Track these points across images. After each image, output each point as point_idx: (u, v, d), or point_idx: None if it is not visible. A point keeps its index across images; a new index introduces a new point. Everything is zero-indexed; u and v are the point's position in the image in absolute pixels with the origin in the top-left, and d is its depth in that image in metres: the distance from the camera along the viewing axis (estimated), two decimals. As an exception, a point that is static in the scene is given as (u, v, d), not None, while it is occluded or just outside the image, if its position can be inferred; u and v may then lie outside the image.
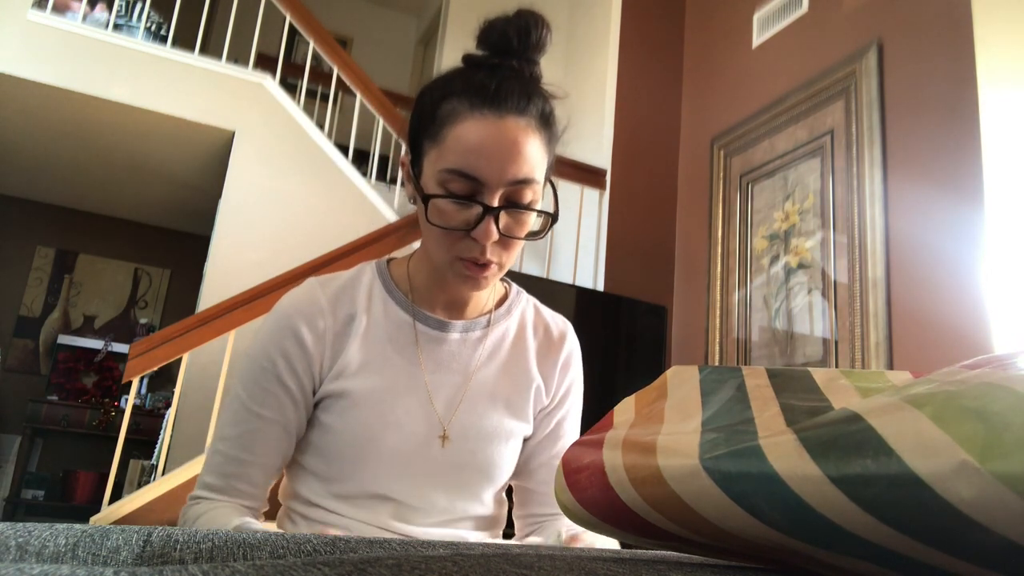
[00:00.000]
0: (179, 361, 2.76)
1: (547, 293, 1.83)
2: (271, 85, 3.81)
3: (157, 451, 3.51)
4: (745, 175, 3.08)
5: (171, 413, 2.87)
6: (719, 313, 3.07)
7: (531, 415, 0.94)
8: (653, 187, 3.51)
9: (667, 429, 0.42)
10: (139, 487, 2.86)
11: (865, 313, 2.38)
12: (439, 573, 0.28)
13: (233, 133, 3.71)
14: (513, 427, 0.91)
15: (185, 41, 3.91)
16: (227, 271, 3.43)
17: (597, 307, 3.04)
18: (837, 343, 2.48)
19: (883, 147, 2.45)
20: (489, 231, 0.76)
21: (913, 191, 2.32)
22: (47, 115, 3.88)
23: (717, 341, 3.05)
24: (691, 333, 3.23)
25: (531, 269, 3.82)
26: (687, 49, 3.70)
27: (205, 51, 3.91)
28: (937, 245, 2.20)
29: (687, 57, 3.69)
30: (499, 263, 0.81)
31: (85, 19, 3.70)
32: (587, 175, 3.41)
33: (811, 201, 2.71)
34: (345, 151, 3.87)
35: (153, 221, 5.70)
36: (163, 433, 3.21)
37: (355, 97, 3.85)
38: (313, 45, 3.84)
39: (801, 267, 2.70)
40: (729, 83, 3.32)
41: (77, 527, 0.35)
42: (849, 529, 0.28)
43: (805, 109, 2.80)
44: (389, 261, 0.95)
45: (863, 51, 2.57)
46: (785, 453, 0.30)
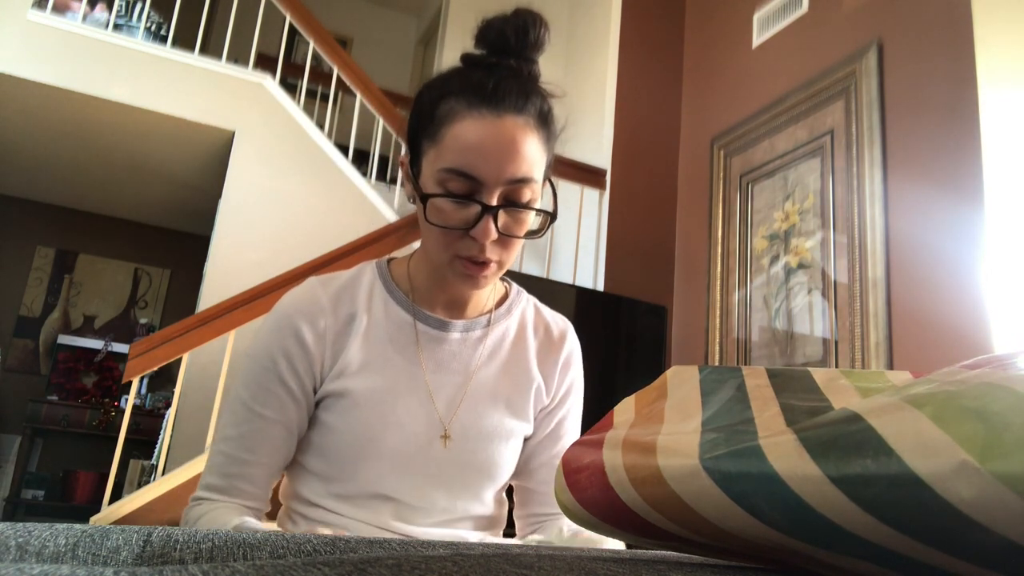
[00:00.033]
0: (179, 361, 2.76)
1: (547, 293, 1.82)
2: (271, 85, 3.81)
3: (157, 451, 3.51)
4: (745, 175, 3.08)
5: (171, 413, 2.87)
6: (719, 313, 3.07)
7: (531, 415, 0.94)
8: (653, 187, 3.51)
9: (667, 429, 0.42)
10: (139, 487, 2.86)
11: (865, 313, 2.38)
12: (439, 573, 0.28)
13: (233, 133, 3.71)
14: (514, 427, 0.91)
15: (185, 41, 3.90)
16: (227, 271, 3.43)
17: (597, 307, 3.04)
18: (837, 343, 2.48)
19: (883, 147, 2.45)
20: (488, 230, 0.76)
21: (913, 191, 2.32)
22: (47, 115, 3.88)
23: (717, 341, 3.05)
24: (691, 333, 3.23)
25: (531, 269, 3.82)
26: (687, 49, 3.70)
27: (205, 51, 3.91)
28: (937, 245, 2.20)
29: (687, 57, 3.69)
30: (498, 262, 0.81)
31: (85, 19, 3.70)
32: (587, 175, 3.41)
33: (811, 201, 2.71)
34: (345, 151, 3.87)
35: (153, 221, 5.70)
36: (163, 433, 3.21)
37: (355, 97, 3.85)
38: (313, 45, 3.84)
39: (801, 267, 2.70)
40: (729, 83, 3.32)
41: (77, 527, 0.35)
42: (849, 529, 0.28)
43: (805, 109, 2.80)
44: (389, 261, 0.95)
45: (863, 51, 2.57)
46: (785, 453, 0.30)
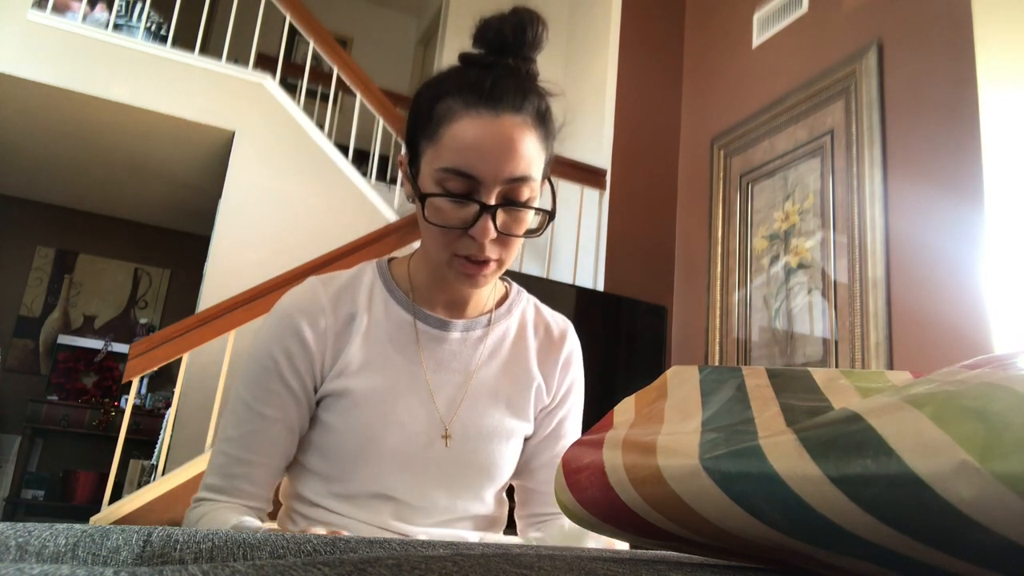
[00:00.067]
0: (179, 361, 2.76)
1: (547, 293, 1.82)
2: (271, 85, 3.81)
3: (157, 451, 3.51)
4: (745, 175, 3.08)
5: (171, 413, 2.87)
6: (719, 313, 3.07)
7: (532, 414, 0.94)
8: (653, 187, 3.51)
9: (667, 429, 0.42)
10: (139, 487, 2.86)
11: (865, 313, 2.38)
12: (439, 573, 0.28)
13: (233, 133, 3.71)
14: (514, 426, 0.91)
15: (185, 41, 3.90)
16: (227, 271, 3.43)
17: (597, 307, 3.04)
18: (837, 343, 2.48)
19: (883, 147, 2.44)
20: (486, 229, 0.76)
21: (913, 191, 2.32)
22: (47, 115, 3.88)
23: (717, 341, 3.05)
24: (691, 333, 3.22)
25: (531, 269, 3.82)
26: (687, 49, 3.70)
27: (205, 51, 3.91)
28: (937, 245, 2.20)
29: (687, 57, 3.69)
30: (498, 260, 0.81)
31: (85, 19, 3.70)
32: (587, 175, 3.41)
33: (811, 201, 2.71)
34: (345, 151, 3.87)
35: (153, 221, 5.70)
36: (163, 433, 3.21)
37: (355, 97, 3.85)
38: (313, 45, 3.84)
39: (801, 267, 2.70)
40: (729, 83, 3.32)
41: (77, 527, 0.35)
42: (849, 529, 0.28)
43: (805, 109, 2.80)
44: (390, 261, 0.95)
45: (863, 51, 2.57)
46: (785, 453, 0.30)
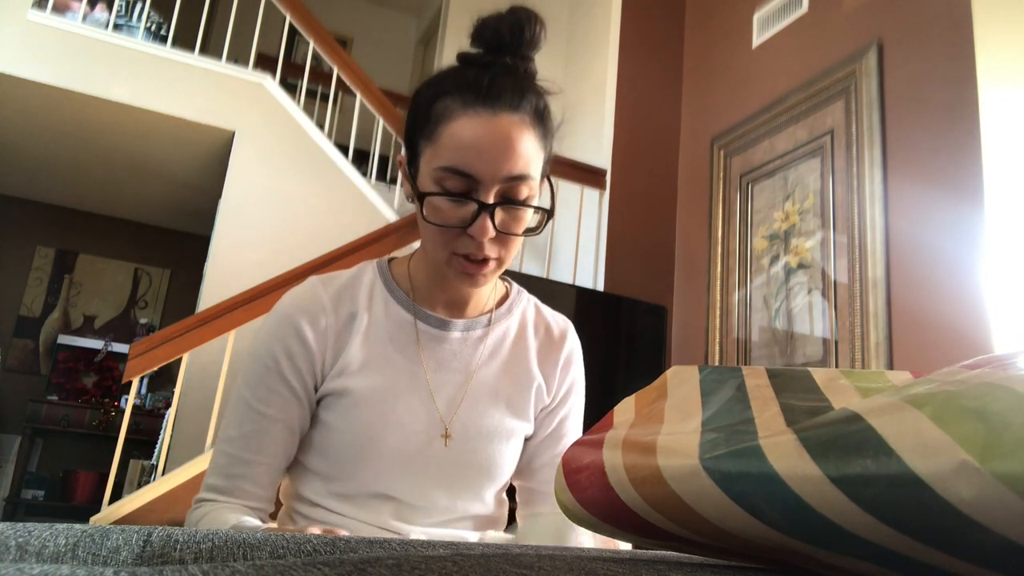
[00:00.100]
0: (179, 361, 2.77)
1: (547, 293, 1.82)
2: (271, 85, 3.81)
3: (157, 451, 3.51)
4: (745, 175, 3.08)
5: (171, 413, 2.87)
6: (719, 313, 3.07)
7: (532, 414, 0.94)
8: (653, 187, 3.51)
9: (667, 429, 0.42)
10: (139, 487, 2.86)
11: (865, 313, 2.38)
12: (439, 573, 0.28)
13: (233, 133, 3.71)
14: (514, 426, 0.92)
15: (185, 41, 3.90)
16: (227, 271, 3.43)
17: (597, 307, 3.04)
18: (837, 343, 2.48)
19: (883, 147, 2.44)
20: (485, 228, 0.76)
21: (913, 191, 2.32)
22: (47, 115, 3.88)
23: (717, 341, 3.05)
24: (691, 333, 3.22)
25: (531, 269, 3.82)
26: (687, 49, 3.70)
27: (205, 51, 3.91)
28: (937, 245, 2.20)
29: (687, 57, 3.69)
30: (497, 259, 0.81)
31: (85, 19, 3.70)
32: (587, 175, 3.41)
33: (811, 201, 2.71)
34: (345, 151, 3.87)
35: (153, 221, 5.70)
36: (163, 433, 3.21)
37: (355, 97, 3.85)
38: (313, 45, 3.84)
39: (801, 267, 2.70)
40: (729, 83, 3.32)
41: (77, 527, 0.35)
42: (849, 529, 0.28)
43: (805, 109, 2.80)
44: (390, 260, 0.95)
45: (863, 51, 2.57)
46: (785, 453, 0.30)
